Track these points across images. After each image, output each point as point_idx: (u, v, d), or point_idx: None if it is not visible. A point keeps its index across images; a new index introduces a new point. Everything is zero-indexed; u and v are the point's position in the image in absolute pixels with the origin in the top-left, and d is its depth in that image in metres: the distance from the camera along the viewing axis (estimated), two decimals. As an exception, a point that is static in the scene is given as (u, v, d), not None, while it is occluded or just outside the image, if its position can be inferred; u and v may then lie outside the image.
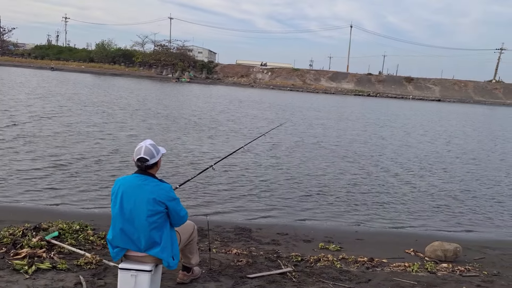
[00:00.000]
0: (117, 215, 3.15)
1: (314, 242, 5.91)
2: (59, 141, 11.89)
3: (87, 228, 5.15)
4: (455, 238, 6.58)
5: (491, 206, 8.96)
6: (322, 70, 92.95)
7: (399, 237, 6.70)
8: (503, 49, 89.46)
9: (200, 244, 5.05)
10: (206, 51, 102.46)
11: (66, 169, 9.08)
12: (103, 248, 4.55)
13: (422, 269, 4.92)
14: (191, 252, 3.79)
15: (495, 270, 5.18)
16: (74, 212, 6.54)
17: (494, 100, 76.87)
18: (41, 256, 4.11)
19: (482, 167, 13.41)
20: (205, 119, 20.32)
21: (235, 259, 4.64)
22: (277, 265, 4.61)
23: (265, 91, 63.91)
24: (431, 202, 8.86)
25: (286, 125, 19.92)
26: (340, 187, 9.49)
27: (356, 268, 4.80)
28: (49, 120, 15.57)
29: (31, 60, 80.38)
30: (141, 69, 78.40)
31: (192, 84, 62.68)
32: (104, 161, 10.07)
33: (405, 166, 12.64)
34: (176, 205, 3.22)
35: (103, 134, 13.67)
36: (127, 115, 19.26)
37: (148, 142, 3.21)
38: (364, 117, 29.49)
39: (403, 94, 77.19)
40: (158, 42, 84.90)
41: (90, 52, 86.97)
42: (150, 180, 3.15)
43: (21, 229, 4.71)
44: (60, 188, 7.79)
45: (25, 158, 9.62)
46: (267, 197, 8.30)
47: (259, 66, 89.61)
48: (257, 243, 5.60)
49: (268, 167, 10.89)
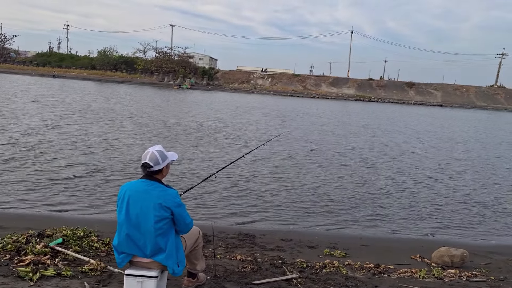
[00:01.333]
0: (123, 221, 3.11)
1: (319, 248, 5.88)
2: (62, 149, 11.90)
3: (91, 234, 5.12)
4: (462, 243, 6.54)
5: (497, 211, 8.91)
6: (323, 75, 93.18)
7: (405, 243, 6.66)
8: (504, 54, 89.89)
9: (205, 250, 5.01)
10: (207, 57, 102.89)
11: (70, 175, 9.07)
12: (108, 255, 4.52)
13: (429, 275, 4.88)
14: (197, 258, 3.75)
15: (502, 275, 5.15)
16: (78, 218, 6.53)
17: (496, 105, 76.86)
18: (46, 263, 4.08)
19: (490, 173, 13.32)
20: (208, 127, 20.32)
21: (239, 265, 4.61)
22: (282, 272, 4.57)
23: (266, 97, 63.99)
24: (436, 208, 8.81)
25: (290, 133, 19.91)
26: (344, 193, 9.45)
27: (362, 274, 4.76)
28: (51, 128, 15.59)
29: (32, 67, 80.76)
30: (143, 76, 78.65)
31: (193, 91, 62.81)
32: (107, 167, 10.05)
33: (410, 172, 12.60)
34: (182, 211, 3.19)
35: (106, 140, 13.68)
36: (130, 123, 19.28)
37: (157, 148, 3.18)
38: (367, 123, 29.47)
39: (405, 99, 77.25)
40: (160, 49, 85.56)
41: (92, 59, 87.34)
42: (156, 186, 3.12)
43: (24, 236, 4.69)
44: (64, 194, 7.78)
45: (28, 165, 9.62)
46: (271, 203, 8.27)
47: (259, 72, 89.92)
48: (261, 249, 5.56)
49: (271, 174, 10.86)
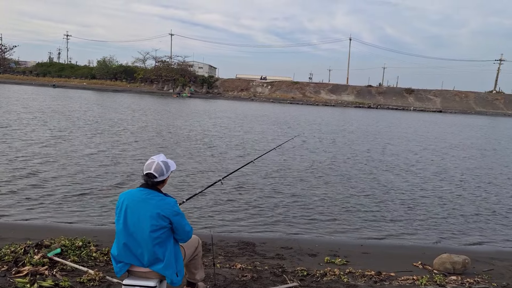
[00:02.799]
0: (121, 230, 3.09)
1: (320, 256, 5.83)
2: (60, 160, 11.88)
3: (90, 244, 5.08)
4: (463, 250, 6.50)
5: (499, 217, 8.86)
6: (322, 82, 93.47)
7: (406, 250, 6.61)
8: (502, 60, 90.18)
9: (204, 259, 4.97)
10: (206, 66, 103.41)
11: (68, 185, 9.04)
12: (106, 265, 4.49)
13: (431, 282, 4.83)
14: (196, 267, 3.72)
15: (504, 281, 5.10)
16: (77, 228, 6.49)
17: (496, 111, 77.00)
18: (43, 274, 4.04)
19: (492, 179, 13.26)
20: (210, 135, 20.33)
21: (239, 274, 4.57)
22: (282, 280, 4.53)
23: (265, 104, 64.11)
24: (437, 214, 8.77)
25: (292, 140, 19.89)
26: (344, 200, 9.41)
27: (363, 282, 4.72)
28: (50, 138, 15.58)
29: (32, 77, 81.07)
30: (143, 85, 78.88)
31: (193, 99, 62.95)
32: (105, 176, 10.03)
33: (410, 178, 12.57)
34: (181, 220, 3.16)
35: (104, 150, 13.66)
36: (128, 132, 19.28)
37: (161, 158, 3.17)
38: (365, 129, 29.49)
39: (404, 106, 77.42)
40: (159, 58, 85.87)
41: (91, 69, 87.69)
42: (155, 195, 3.10)
43: (22, 246, 4.66)
44: (62, 204, 7.74)
45: (26, 176, 9.59)
46: (270, 211, 8.23)
47: (259, 80, 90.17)
48: (261, 258, 5.52)
49: (270, 182, 10.83)
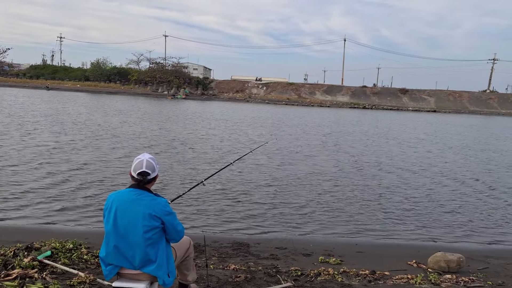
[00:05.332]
0: (111, 232, 3.04)
1: (314, 256, 5.80)
2: (50, 160, 11.77)
3: (81, 246, 5.02)
4: (458, 248, 6.48)
5: (493, 215, 8.87)
6: (317, 83, 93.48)
7: (400, 248, 6.59)
8: (496, 59, 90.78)
9: (197, 260, 4.93)
10: (201, 67, 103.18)
11: (59, 187, 8.95)
12: (98, 267, 4.42)
13: (426, 281, 4.81)
14: (188, 268, 3.67)
15: (499, 280, 5.09)
16: (68, 230, 6.41)
17: (489, 110, 77.47)
18: (33, 277, 3.98)
19: (487, 177, 13.29)
20: (202, 136, 20.27)
21: (233, 275, 4.52)
22: (276, 280, 4.49)
23: (261, 105, 64.06)
24: (431, 213, 8.76)
25: (283, 140, 19.89)
26: (338, 200, 9.39)
27: (358, 281, 4.69)
28: (38, 136, 15.46)
29: (26, 80, 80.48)
30: (137, 87, 78.56)
31: (188, 101, 62.79)
32: (97, 178, 9.94)
33: (405, 177, 12.57)
34: (173, 220, 3.13)
35: (95, 151, 13.57)
36: (120, 135, 19.18)
37: (147, 156, 3.15)
38: (360, 129, 29.55)
39: (399, 106, 77.69)
40: (153, 59, 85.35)
41: (85, 71, 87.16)
42: (145, 195, 3.06)
43: (12, 249, 4.59)
44: (54, 206, 7.65)
45: (16, 176, 9.48)
46: (264, 211, 8.19)
47: (254, 81, 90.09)
48: (255, 258, 5.48)
49: (264, 181, 10.79)
